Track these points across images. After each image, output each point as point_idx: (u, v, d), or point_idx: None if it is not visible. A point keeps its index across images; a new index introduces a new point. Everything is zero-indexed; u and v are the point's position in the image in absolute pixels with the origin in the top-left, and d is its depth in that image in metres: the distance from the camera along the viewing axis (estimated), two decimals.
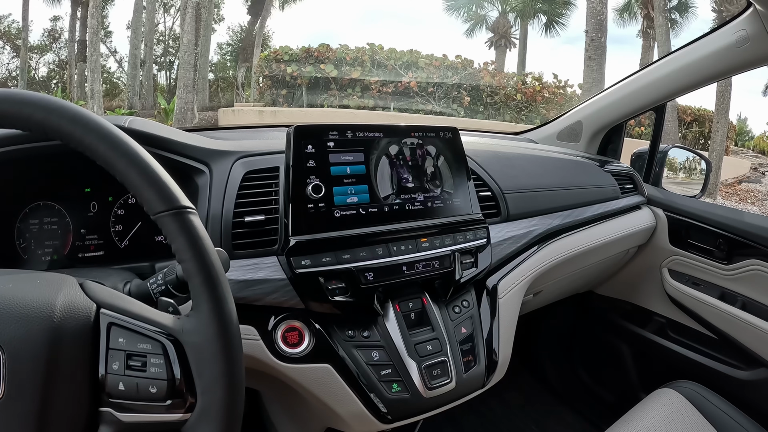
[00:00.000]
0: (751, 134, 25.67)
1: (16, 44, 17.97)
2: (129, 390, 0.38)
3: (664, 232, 1.35)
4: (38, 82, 18.33)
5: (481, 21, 19.36)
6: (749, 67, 1.12)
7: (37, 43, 19.20)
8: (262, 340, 0.63)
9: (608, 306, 1.55)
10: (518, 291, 0.86)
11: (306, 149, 0.66)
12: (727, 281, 1.24)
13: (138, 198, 0.41)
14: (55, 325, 0.38)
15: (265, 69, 9.84)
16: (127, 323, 0.40)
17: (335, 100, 9.27)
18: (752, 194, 10.62)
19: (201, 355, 0.39)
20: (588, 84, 8.82)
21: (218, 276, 0.41)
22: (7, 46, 18.52)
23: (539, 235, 0.96)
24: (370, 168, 0.70)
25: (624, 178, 1.33)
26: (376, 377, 0.65)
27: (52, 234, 0.69)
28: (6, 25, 18.62)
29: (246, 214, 0.68)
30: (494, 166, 0.98)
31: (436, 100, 9.11)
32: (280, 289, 0.65)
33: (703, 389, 0.97)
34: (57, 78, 19.14)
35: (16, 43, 17.84)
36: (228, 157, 0.73)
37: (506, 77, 9.91)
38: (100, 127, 0.41)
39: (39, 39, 19.38)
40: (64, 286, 0.41)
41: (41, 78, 19.04)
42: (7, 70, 18.70)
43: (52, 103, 0.40)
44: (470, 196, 0.79)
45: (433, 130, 0.77)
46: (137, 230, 0.74)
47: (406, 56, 9.48)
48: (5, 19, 18.63)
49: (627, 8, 16.85)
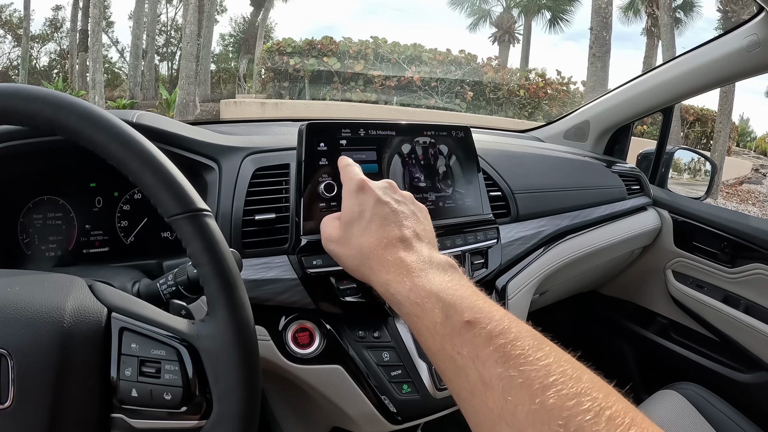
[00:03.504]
0: (753, 135, 25.67)
1: (17, 33, 17.91)
2: (142, 397, 0.38)
3: (669, 233, 1.34)
4: (39, 71, 18.27)
5: (485, 16, 19.32)
6: (760, 71, 1.11)
7: (39, 33, 19.14)
8: (273, 341, 0.62)
9: (611, 306, 1.55)
10: (527, 291, 0.85)
11: (318, 147, 0.65)
12: (730, 284, 1.24)
13: (152, 199, 0.40)
14: (65, 330, 0.37)
15: (268, 61, 9.80)
16: (141, 328, 0.39)
17: (338, 94, 9.24)
18: (753, 195, 10.64)
19: (218, 361, 0.38)
20: (592, 81, 8.79)
21: (236, 281, 0.40)
22: (9, 36, 18.46)
23: (548, 236, 0.95)
24: (383, 167, 0.69)
25: (630, 179, 1.33)
26: (387, 378, 0.65)
27: (56, 229, 0.68)
28: (8, 14, 18.55)
29: (256, 212, 0.67)
30: (504, 165, 0.97)
31: (439, 95, 9.09)
32: (290, 289, 0.64)
33: (705, 391, 0.97)
34: (58, 68, 19.09)
35: (18, 33, 17.78)
36: (237, 153, 0.72)
37: (509, 73, 9.88)
38: (111, 125, 0.39)
39: (41, 28, 19.35)
40: (73, 288, 0.40)
41: (42, 68, 18.98)
42: (8, 60, 18.65)
43: (61, 99, 0.39)
44: (481, 196, 0.78)
45: (445, 129, 0.76)
46: (143, 226, 0.73)
47: (409, 50, 9.44)
48: (7, 9, 18.57)
49: (631, 6, 16.81)
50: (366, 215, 0.49)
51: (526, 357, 0.32)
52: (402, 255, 0.45)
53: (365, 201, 0.51)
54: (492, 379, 0.32)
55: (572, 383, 0.30)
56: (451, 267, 0.45)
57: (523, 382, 0.31)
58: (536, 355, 0.33)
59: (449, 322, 0.37)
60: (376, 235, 0.48)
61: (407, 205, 0.53)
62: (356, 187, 0.52)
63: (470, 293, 0.40)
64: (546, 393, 0.30)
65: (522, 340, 0.34)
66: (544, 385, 0.30)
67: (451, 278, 0.43)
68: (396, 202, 0.52)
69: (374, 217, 0.49)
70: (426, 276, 0.43)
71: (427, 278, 0.42)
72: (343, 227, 0.51)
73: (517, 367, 0.32)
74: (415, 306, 0.41)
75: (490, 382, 0.33)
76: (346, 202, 0.52)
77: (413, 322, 0.41)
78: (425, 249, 0.47)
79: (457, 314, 0.37)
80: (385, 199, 0.51)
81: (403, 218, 0.50)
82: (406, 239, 0.47)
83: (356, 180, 0.53)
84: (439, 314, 0.38)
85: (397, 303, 0.43)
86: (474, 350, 0.35)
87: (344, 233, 0.50)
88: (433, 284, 0.41)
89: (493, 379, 0.32)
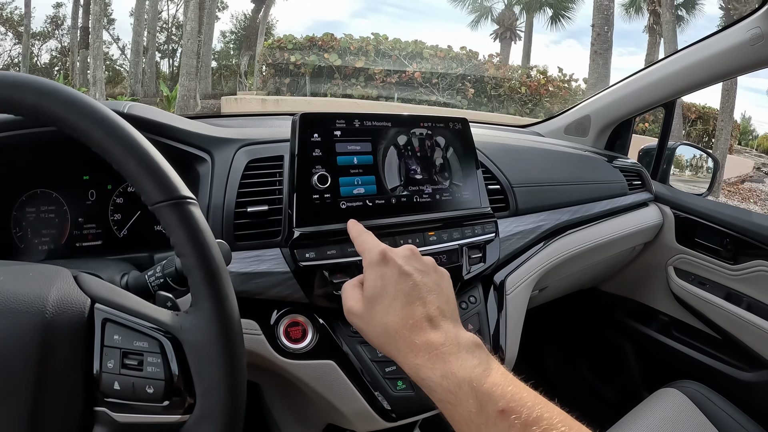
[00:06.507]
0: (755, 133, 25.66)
1: (18, 31, 17.93)
2: (125, 390, 0.36)
3: (671, 230, 1.33)
4: (40, 68, 18.31)
5: (487, 13, 19.29)
6: (763, 65, 1.10)
7: (40, 30, 19.19)
8: (264, 335, 0.61)
9: (612, 303, 1.54)
10: (526, 287, 0.84)
11: (312, 138, 0.64)
12: (733, 281, 1.23)
13: (135, 187, 0.39)
14: (47, 320, 0.36)
15: (269, 57, 9.79)
16: (123, 319, 0.38)
17: (339, 90, 9.23)
18: (755, 194, 10.60)
19: (201, 354, 0.37)
20: (593, 79, 8.75)
21: (219, 271, 0.39)
22: (10, 33, 18.48)
23: (547, 231, 0.94)
24: (378, 158, 0.68)
25: (632, 174, 1.31)
26: (381, 374, 0.64)
27: (49, 223, 0.67)
28: (9, 11, 18.57)
29: (249, 204, 0.66)
30: (503, 158, 0.96)
31: (440, 92, 9.07)
32: (283, 282, 0.63)
33: (706, 390, 0.96)
34: (59, 65, 19.11)
35: (19, 30, 17.79)
36: (230, 145, 0.71)
37: (511, 70, 9.87)
38: (96, 111, 0.38)
39: (41, 26, 19.40)
40: (58, 279, 0.39)
41: (43, 65, 19.03)
42: (9, 57, 18.69)
43: (45, 85, 0.38)
44: (479, 189, 0.77)
45: (442, 120, 0.75)
46: (136, 219, 0.72)
47: (410, 47, 9.43)
48: (8, 6, 18.58)
49: (633, 3, 16.76)
50: (389, 291, 0.48)
51: None
52: (430, 337, 0.45)
53: (388, 274, 0.49)
54: None
55: None
56: (479, 348, 0.45)
57: None
58: None
59: (484, 411, 0.39)
60: (401, 314, 0.47)
61: (430, 275, 0.51)
62: (378, 258, 0.51)
63: (501, 379, 0.41)
64: None
65: (555, 429, 0.36)
66: None
67: (480, 362, 0.43)
68: (419, 272, 0.50)
69: (398, 294, 0.48)
70: (456, 361, 0.43)
71: (458, 363, 0.43)
72: (366, 303, 0.50)
73: None
74: (448, 394, 0.41)
75: None
76: (368, 274, 0.51)
77: (447, 410, 0.42)
78: (451, 327, 0.47)
79: (492, 403, 0.39)
80: (408, 271, 0.50)
81: (426, 293, 0.49)
82: (432, 318, 0.47)
83: (377, 251, 0.52)
84: (474, 404, 0.40)
85: (428, 389, 0.43)
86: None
87: (368, 310, 0.49)
88: (464, 371, 0.42)
89: None
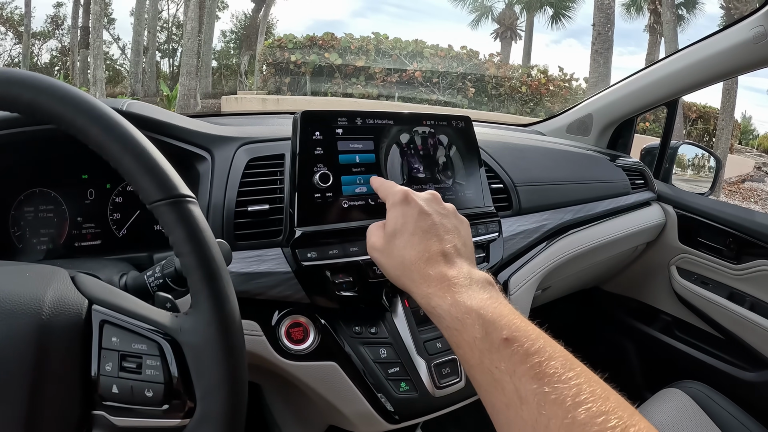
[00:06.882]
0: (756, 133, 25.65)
1: (18, 30, 17.94)
2: (123, 393, 0.36)
3: (673, 229, 1.32)
4: (41, 68, 18.31)
5: (487, 13, 19.27)
6: (766, 63, 1.09)
7: (40, 30, 19.20)
8: (265, 336, 0.61)
9: (614, 303, 1.53)
10: (530, 287, 0.83)
11: (313, 136, 0.63)
12: (735, 281, 1.22)
13: (133, 185, 0.38)
14: (44, 322, 0.35)
15: (269, 57, 9.78)
16: (121, 321, 0.37)
17: (339, 89, 9.23)
18: (755, 193, 10.59)
19: (201, 357, 0.36)
20: (594, 78, 8.75)
21: (219, 271, 0.38)
22: (10, 33, 18.48)
23: (551, 230, 0.93)
24: (380, 157, 0.67)
25: (634, 173, 1.30)
26: (384, 376, 0.63)
27: (47, 222, 0.67)
28: (9, 11, 18.56)
29: (249, 203, 0.65)
30: (506, 157, 0.95)
31: (440, 91, 9.07)
32: (284, 282, 0.62)
33: (709, 390, 0.96)
34: (59, 65, 19.12)
35: (19, 30, 17.80)
36: (231, 143, 0.70)
37: (511, 69, 9.86)
38: (93, 108, 0.37)
39: (42, 25, 19.41)
40: (54, 279, 0.38)
41: (44, 65, 19.05)
42: (9, 57, 18.69)
43: (41, 82, 0.37)
44: (482, 188, 0.76)
45: (445, 118, 0.74)
46: (136, 219, 0.71)
47: (411, 46, 9.42)
48: (8, 6, 18.58)
49: (634, 3, 16.74)
50: (409, 227, 0.51)
51: (559, 376, 0.35)
52: (443, 270, 0.47)
53: (408, 213, 0.52)
54: (527, 394, 0.35)
55: (601, 402, 0.33)
56: (490, 284, 0.47)
57: (556, 398, 0.34)
58: (568, 374, 0.35)
59: (488, 338, 0.40)
60: (419, 248, 0.49)
61: (450, 218, 0.54)
62: (401, 198, 0.53)
63: (508, 311, 0.42)
64: (577, 410, 0.32)
65: (555, 359, 0.37)
66: (576, 402, 0.33)
67: (490, 295, 0.44)
68: (439, 214, 0.53)
69: (417, 230, 0.50)
70: (467, 292, 0.45)
71: (467, 294, 0.44)
72: (387, 238, 0.52)
73: (551, 384, 0.35)
74: (455, 321, 0.43)
75: (525, 397, 0.35)
76: (390, 212, 0.54)
77: (453, 336, 0.43)
78: (465, 265, 0.49)
79: (496, 331, 0.40)
80: (429, 211, 0.52)
81: (444, 232, 0.51)
82: (447, 254, 0.49)
83: (400, 192, 0.54)
84: (479, 330, 0.41)
85: (437, 316, 0.45)
86: (511, 366, 0.37)
87: (388, 244, 0.52)
88: (473, 301, 0.43)
89: (528, 394, 0.35)
